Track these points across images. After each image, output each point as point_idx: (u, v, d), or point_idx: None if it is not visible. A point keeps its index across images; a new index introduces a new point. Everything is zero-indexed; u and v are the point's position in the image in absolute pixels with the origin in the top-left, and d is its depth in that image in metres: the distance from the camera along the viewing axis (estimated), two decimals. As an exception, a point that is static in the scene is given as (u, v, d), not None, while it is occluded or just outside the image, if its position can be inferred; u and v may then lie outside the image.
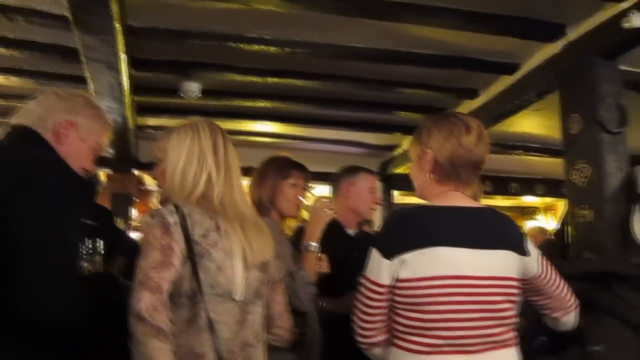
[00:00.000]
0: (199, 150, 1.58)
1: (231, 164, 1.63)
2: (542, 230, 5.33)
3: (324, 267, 2.21)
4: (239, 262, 1.50)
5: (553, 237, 4.51)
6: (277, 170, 2.23)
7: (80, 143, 1.60)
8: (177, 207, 1.47)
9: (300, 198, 2.24)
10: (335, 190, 2.71)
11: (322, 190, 7.66)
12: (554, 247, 3.09)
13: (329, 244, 2.22)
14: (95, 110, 1.69)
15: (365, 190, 2.63)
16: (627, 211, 2.63)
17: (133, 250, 1.64)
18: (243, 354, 1.50)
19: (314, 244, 2.10)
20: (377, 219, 4.03)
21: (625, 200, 2.67)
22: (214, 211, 1.52)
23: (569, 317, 1.71)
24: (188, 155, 1.57)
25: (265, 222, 1.95)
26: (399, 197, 6.62)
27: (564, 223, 3.08)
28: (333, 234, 2.41)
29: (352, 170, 2.72)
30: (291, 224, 2.61)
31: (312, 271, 2.07)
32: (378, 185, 2.75)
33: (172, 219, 1.43)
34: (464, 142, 1.57)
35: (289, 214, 2.23)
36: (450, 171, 1.59)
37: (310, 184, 2.32)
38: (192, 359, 1.40)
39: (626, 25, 2.55)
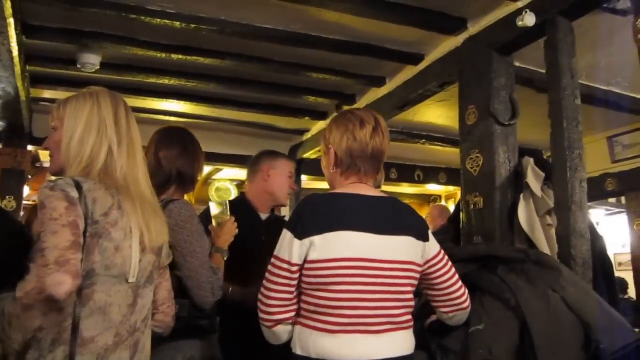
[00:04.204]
0: (98, 119, 1.49)
1: (134, 138, 1.56)
2: (442, 209, 5.45)
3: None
4: (136, 244, 1.44)
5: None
6: (199, 147, 2.18)
7: None
8: (76, 182, 1.37)
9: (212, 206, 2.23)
10: (254, 172, 2.71)
11: (229, 172, 7.54)
12: (449, 233, 3.22)
13: (239, 224, 2.20)
14: None
15: (285, 175, 2.68)
16: (514, 199, 2.79)
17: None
18: (131, 338, 1.44)
19: (225, 249, 2.11)
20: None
21: (513, 189, 2.82)
22: (117, 188, 1.45)
23: (456, 315, 1.85)
24: (87, 125, 1.48)
25: (180, 205, 1.90)
26: (307, 182, 6.66)
27: (458, 209, 3.21)
28: (245, 215, 2.38)
29: (273, 155, 2.80)
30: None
31: (221, 266, 2.04)
32: (294, 172, 2.78)
33: (74, 193, 1.34)
34: (359, 137, 1.71)
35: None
36: (350, 164, 1.73)
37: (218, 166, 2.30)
38: (81, 343, 1.33)
39: (520, 24, 2.68)
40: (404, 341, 1.66)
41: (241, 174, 7.04)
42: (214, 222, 2.21)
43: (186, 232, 1.87)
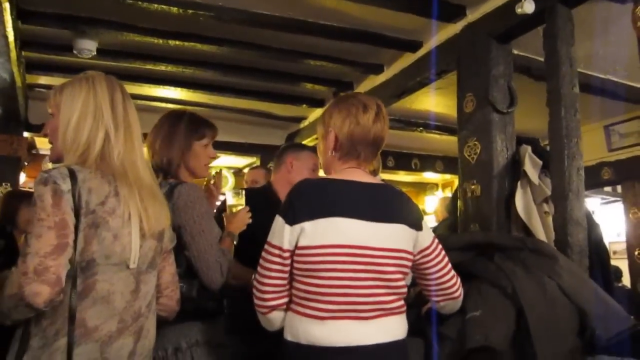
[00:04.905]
0: (94, 105, 1.47)
1: (132, 122, 1.54)
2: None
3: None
4: (136, 230, 1.43)
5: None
6: (189, 129, 2.11)
7: None
8: (71, 171, 1.36)
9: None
10: (279, 164, 2.74)
11: (226, 160, 7.52)
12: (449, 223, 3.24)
13: (263, 211, 2.20)
14: None
15: (308, 167, 2.70)
16: (511, 187, 2.79)
17: None
18: (135, 324, 1.45)
19: (235, 235, 2.12)
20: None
21: (511, 177, 2.83)
22: (114, 174, 1.44)
23: (448, 304, 1.84)
24: (82, 110, 1.46)
25: (189, 187, 1.90)
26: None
27: (455, 197, 3.22)
28: (268, 204, 2.39)
29: (298, 147, 2.86)
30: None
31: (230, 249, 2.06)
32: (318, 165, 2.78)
33: (65, 185, 1.33)
34: (362, 121, 1.68)
35: (200, 174, 2.16)
36: (350, 149, 1.70)
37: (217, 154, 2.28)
38: (85, 332, 1.34)
39: (519, 11, 2.68)
40: (395, 326, 1.65)
41: (238, 161, 7.04)
42: (228, 211, 2.23)
43: (195, 212, 1.87)
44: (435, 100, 4.72)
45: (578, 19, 2.69)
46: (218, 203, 2.60)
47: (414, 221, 1.69)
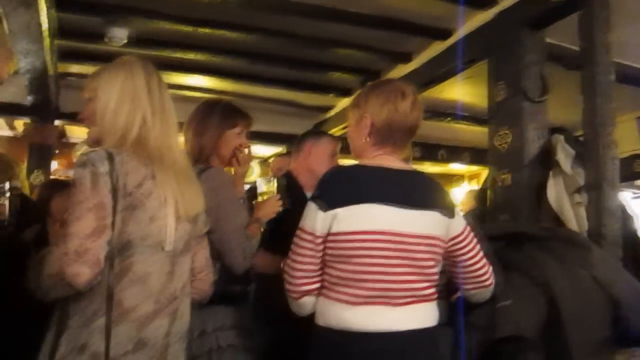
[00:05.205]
0: (132, 89, 1.49)
1: (167, 107, 1.55)
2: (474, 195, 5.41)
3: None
4: (171, 213, 1.45)
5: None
6: (221, 118, 2.14)
7: None
8: (109, 154, 1.38)
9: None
10: (298, 151, 2.74)
11: (255, 149, 7.52)
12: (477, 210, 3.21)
13: (286, 200, 2.22)
14: None
15: (327, 152, 2.68)
16: (543, 177, 2.75)
17: None
18: (171, 306, 1.47)
19: (263, 221, 2.13)
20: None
21: (542, 166, 2.79)
22: (150, 158, 1.45)
23: (479, 292, 1.83)
24: (120, 94, 1.48)
25: (216, 172, 1.92)
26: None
27: (484, 188, 3.19)
28: (291, 191, 2.40)
29: (317, 133, 2.86)
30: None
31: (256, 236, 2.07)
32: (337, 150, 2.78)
33: (104, 167, 1.35)
34: (400, 108, 1.66)
35: (232, 163, 2.18)
36: (386, 135, 1.69)
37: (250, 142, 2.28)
38: (122, 313, 1.36)
39: (553, -3, 2.63)
40: (427, 313, 1.65)
41: (264, 151, 7.06)
42: (259, 198, 2.24)
43: (220, 197, 1.88)
44: (463, 90, 4.66)
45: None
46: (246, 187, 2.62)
47: (447, 208, 1.68)
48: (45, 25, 3.26)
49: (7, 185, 1.83)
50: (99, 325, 1.34)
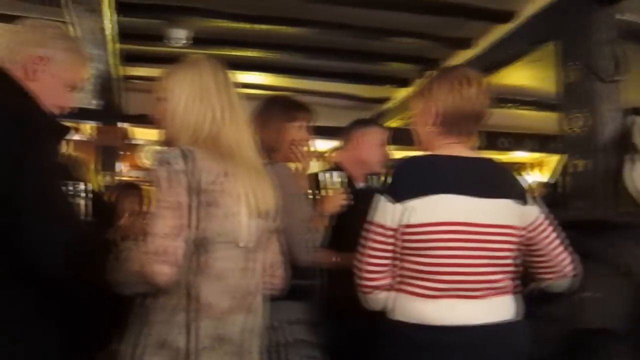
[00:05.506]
0: (200, 87, 1.50)
1: (235, 103, 1.56)
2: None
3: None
4: (244, 209, 1.46)
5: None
6: (281, 112, 2.15)
7: (53, 79, 1.50)
8: (183, 152, 1.40)
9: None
10: (346, 141, 2.72)
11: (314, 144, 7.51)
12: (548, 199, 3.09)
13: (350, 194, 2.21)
14: (69, 42, 1.59)
15: (376, 142, 2.65)
16: (620, 161, 2.62)
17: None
18: (245, 302, 1.49)
19: (327, 214, 2.11)
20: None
21: (619, 150, 2.65)
22: (222, 154, 1.46)
23: (559, 282, 1.73)
24: (190, 93, 1.49)
25: (279, 167, 1.92)
26: (392, 151, 6.58)
27: (558, 173, 3.07)
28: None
29: (365, 122, 2.81)
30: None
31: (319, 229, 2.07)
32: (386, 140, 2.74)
33: (179, 165, 1.37)
34: (466, 95, 1.63)
35: (294, 158, 2.18)
36: (452, 123, 1.65)
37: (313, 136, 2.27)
38: (200, 309, 1.38)
39: (627, -31, 2.48)
40: (505, 306, 1.60)
41: (321, 145, 7.07)
42: (322, 192, 2.23)
43: (284, 191, 1.88)
44: (528, 74, 4.50)
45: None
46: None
47: (519, 195, 1.64)
48: (108, 30, 3.36)
49: (82, 186, 1.89)
50: (178, 321, 1.36)
